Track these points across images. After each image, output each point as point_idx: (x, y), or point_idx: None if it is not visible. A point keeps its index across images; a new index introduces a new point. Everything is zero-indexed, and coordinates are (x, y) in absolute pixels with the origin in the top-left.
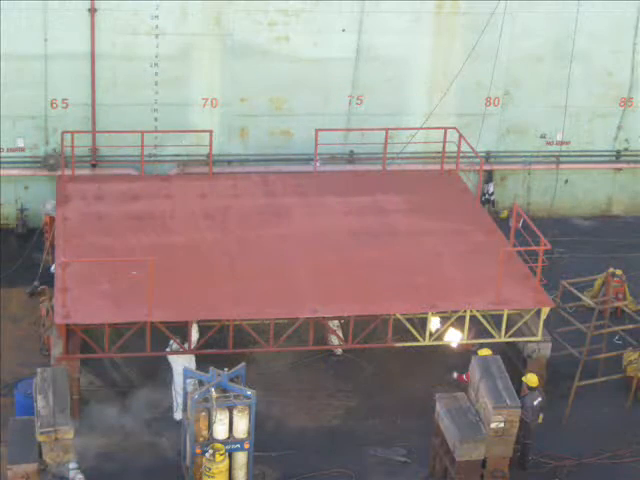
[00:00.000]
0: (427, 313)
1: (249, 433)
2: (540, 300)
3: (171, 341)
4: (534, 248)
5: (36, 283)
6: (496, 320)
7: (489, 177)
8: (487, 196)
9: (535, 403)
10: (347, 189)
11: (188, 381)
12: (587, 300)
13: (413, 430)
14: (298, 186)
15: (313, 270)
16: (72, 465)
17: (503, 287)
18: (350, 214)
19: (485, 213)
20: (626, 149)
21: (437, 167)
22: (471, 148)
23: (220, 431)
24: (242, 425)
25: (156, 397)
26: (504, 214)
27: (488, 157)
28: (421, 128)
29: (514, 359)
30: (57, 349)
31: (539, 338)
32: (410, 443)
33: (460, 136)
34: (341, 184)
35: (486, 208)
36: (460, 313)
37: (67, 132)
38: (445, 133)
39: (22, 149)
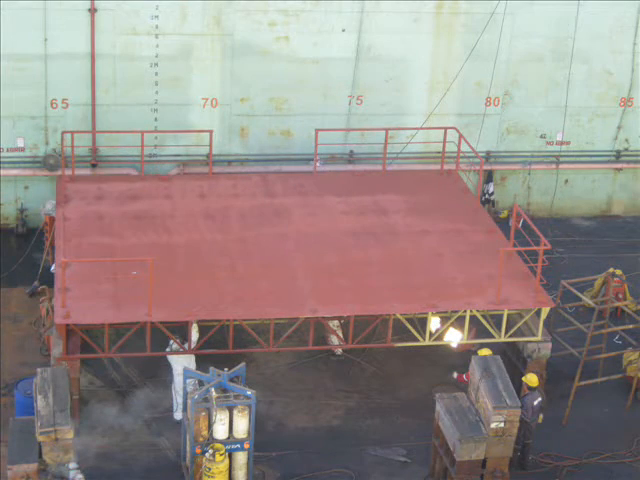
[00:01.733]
0: (427, 313)
1: (249, 433)
2: (540, 300)
3: (171, 341)
4: (534, 248)
5: (36, 283)
6: (496, 320)
7: (489, 177)
8: (487, 196)
9: (535, 403)
10: (347, 189)
11: (188, 381)
12: (587, 300)
13: (413, 430)
14: (298, 186)
15: (313, 270)
16: (72, 465)
17: (503, 287)
18: (350, 214)
19: (485, 213)
20: (626, 149)
21: (437, 167)
22: (471, 148)
23: (220, 431)
24: (242, 425)
25: (156, 397)
26: (504, 214)
27: (488, 157)
28: (421, 128)
29: (514, 359)
30: (57, 349)
31: (539, 338)
32: (410, 443)
33: (460, 136)
34: (341, 184)
35: (486, 208)
36: (460, 313)
37: (67, 132)
38: (445, 133)
39: (22, 149)
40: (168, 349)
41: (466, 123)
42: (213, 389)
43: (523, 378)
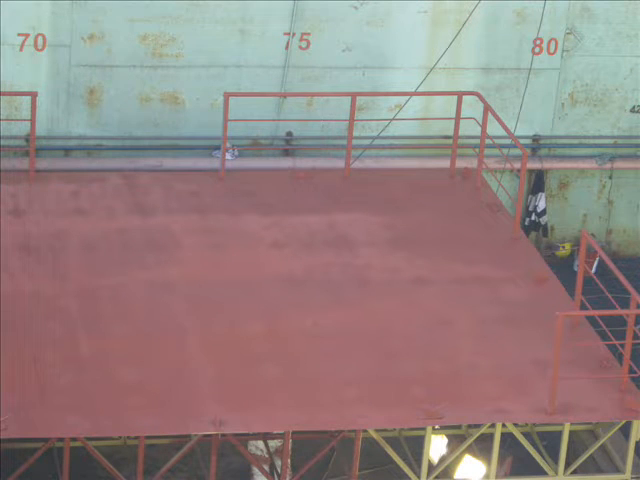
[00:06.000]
0: (424, 428)
1: None
2: (630, 407)
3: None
4: (620, 312)
5: None
6: (549, 442)
7: (538, 183)
8: (534, 217)
9: None
10: (282, 202)
11: None
12: None
13: None
14: (192, 195)
15: (218, 349)
16: None
17: (563, 382)
18: (286, 247)
19: (530, 247)
20: None
21: (444, 164)
22: (505, 130)
23: None
24: None
25: None
26: (564, 250)
27: (536, 147)
28: (416, 93)
29: None
30: None
31: (627, 476)
32: None
33: (486, 108)
34: (271, 193)
35: (532, 238)
36: (484, 429)
37: None
38: (459, 103)
39: None
40: None
41: (497, 85)
42: None
43: None
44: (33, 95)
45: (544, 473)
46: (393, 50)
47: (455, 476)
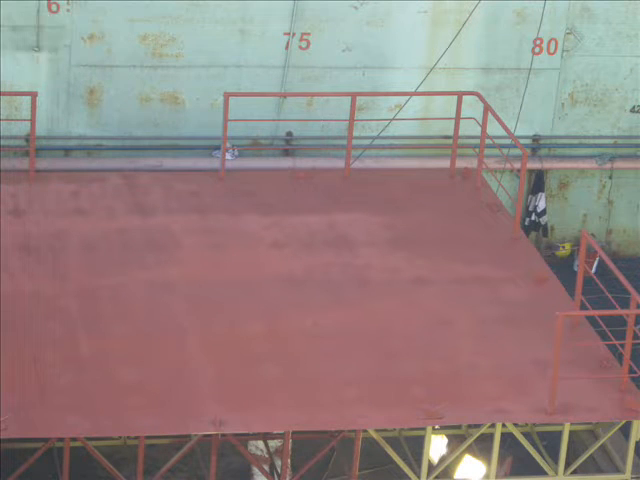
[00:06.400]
0: (424, 429)
1: None
2: (630, 407)
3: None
4: (620, 312)
5: None
6: (549, 442)
7: (538, 183)
8: (534, 217)
9: None
10: (282, 202)
11: None
12: None
13: None
14: (192, 195)
15: (218, 349)
16: None
17: (563, 382)
18: (286, 247)
19: (530, 247)
20: None
21: (444, 164)
22: (505, 130)
23: None
24: None
25: None
26: (564, 250)
27: (536, 147)
28: (416, 93)
29: None
30: None
31: (627, 476)
32: None
33: (486, 108)
34: (271, 193)
35: (532, 238)
36: (484, 429)
37: None
38: (459, 103)
39: None
40: None
41: (497, 85)
42: None
43: None
44: (33, 95)
45: (544, 473)
46: (393, 50)
47: (455, 476)
